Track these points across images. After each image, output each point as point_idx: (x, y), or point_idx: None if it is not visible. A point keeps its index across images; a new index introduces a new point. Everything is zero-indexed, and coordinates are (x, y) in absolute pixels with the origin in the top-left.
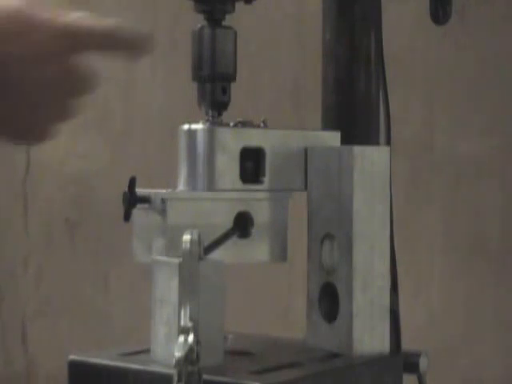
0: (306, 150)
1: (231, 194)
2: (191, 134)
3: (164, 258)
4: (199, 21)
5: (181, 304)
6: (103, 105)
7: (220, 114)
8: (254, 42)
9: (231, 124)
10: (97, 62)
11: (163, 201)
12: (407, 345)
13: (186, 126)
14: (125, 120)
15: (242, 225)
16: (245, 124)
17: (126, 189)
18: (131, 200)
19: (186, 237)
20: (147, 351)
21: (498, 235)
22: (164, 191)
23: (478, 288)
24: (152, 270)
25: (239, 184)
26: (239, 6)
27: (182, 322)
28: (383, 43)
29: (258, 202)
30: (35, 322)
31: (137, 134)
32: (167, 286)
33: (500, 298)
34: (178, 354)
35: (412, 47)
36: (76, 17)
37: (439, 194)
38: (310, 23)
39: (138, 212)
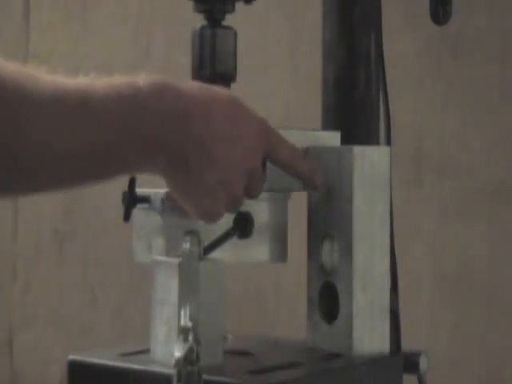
0: (306, 150)
1: None
2: None
3: (164, 258)
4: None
5: (181, 304)
6: None
7: None
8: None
9: None
10: None
11: (163, 201)
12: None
13: None
14: None
15: (242, 225)
16: None
17: (126, 189)
18: (131, 200)
19: (186, 237)
20: (147, 351)
21: (486, 271)
22: (164, 191)
23: (465, 321)
24: (152, 270)
25: None
26: (239, 6)
27: (182, 322)
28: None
29: (258, 202)
30: (22, 332)
31: None
32: (167, 286)
33: (486, 331)
34: (178, 354)
35: (405, 80)
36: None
37: (426, 229)
38: (305, 50)
39: (138, 212)
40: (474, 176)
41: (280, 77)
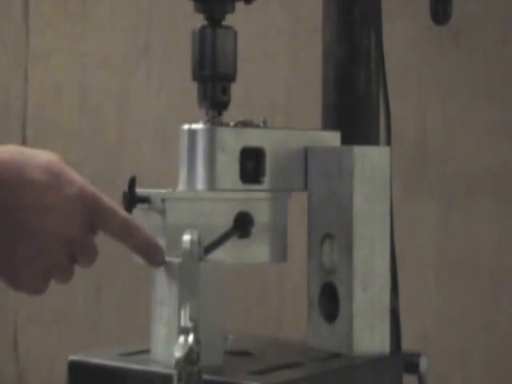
0: (306, 150)
1: (231, 194)
2: (191, 133)
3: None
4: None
5: (181, 304)
6: (97, 115)
7: (220, 114)
8: (248, 55)
9: (231, 124)
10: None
11: (163, 201)
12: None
13: (186, 126)
14: (118, 130)
15: (242, 225)
16: (245, 124)
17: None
18: (131, 200)
19: (186, 237)
20: (147, 351)
21: (491, 257)
22: (164, 191)
23: (470, 305)
24: (152, 270)
25: (239, 184)
26: (239, 6)
27: (182, 322)
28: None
29: (258, 201)
30: (27, 330)
31: (130, 144)
32: (167, 287)
33: (491, 316)
34: (178, 354)
35: (407, 65)
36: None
37: (431, 212)
38: (304, 38)
39: (138, 212)
40: (476, 162)
41: (281, 65)
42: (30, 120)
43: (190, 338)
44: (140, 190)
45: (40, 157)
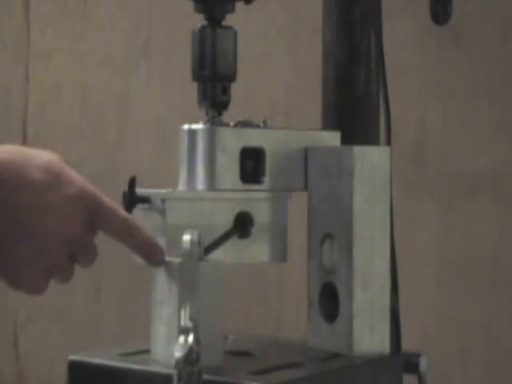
0: (306, 150)
1: (231, 194)
2: (191, 133)
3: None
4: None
5: (181, 304)
6: (97, 115)
7: (220, 114)
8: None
9: (231, 124)
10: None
11: (163, 201)
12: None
13: (186, 126)
14: (118, 130)
15: (242, 225)
16: (245, 124)
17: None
18: (131, 200)
19: (186, 237)
20: (147, 351)
21: (491, 253)
22: (164, 191)
23: (469, 306)
24: (152, 271)
25: (239, 184)
26: (239, 6)
27: (182, 322)
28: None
29: (258, 201)
30: (27, 329)
31: (130, 144)
32: (167, 287)
33: (491, 316)
34: (178, 354)
35: (407, 65)
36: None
37: (431, 212)
38: (304, 38)
39: (138, 212)
40: (476, 162)
41: (281, 65)
42: (30, 119)
43: (190, 338)
44: (140, 190)
45: (40, 156)
